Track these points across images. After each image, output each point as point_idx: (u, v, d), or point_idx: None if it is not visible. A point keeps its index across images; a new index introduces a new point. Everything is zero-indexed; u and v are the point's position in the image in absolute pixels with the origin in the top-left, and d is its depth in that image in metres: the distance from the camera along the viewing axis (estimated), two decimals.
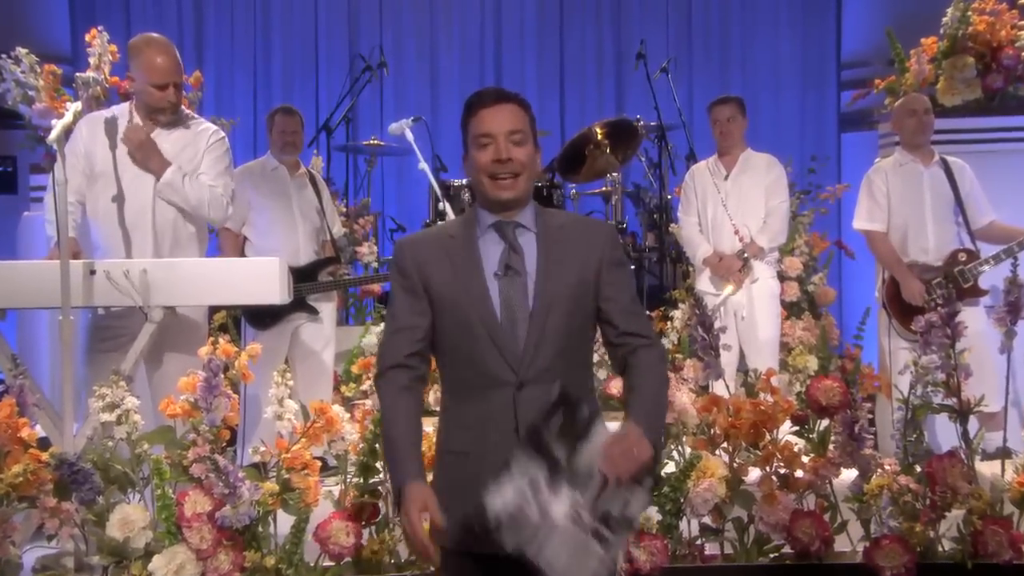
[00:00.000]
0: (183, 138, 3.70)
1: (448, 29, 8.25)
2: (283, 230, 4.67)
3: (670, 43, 8.04)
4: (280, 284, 3.36)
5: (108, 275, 3.24)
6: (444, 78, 8.27)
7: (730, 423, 3.13)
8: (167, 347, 3.51)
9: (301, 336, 4.72)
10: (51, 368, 4.92)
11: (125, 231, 3.60)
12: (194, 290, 3.32)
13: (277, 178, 4.72)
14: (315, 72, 8.25)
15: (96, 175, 3.61)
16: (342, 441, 3.01)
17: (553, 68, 8.26)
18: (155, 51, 3.57)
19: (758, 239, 4.87)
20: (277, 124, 4.73)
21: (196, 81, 5.37)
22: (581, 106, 8.21)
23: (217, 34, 8.18)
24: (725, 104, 4.97)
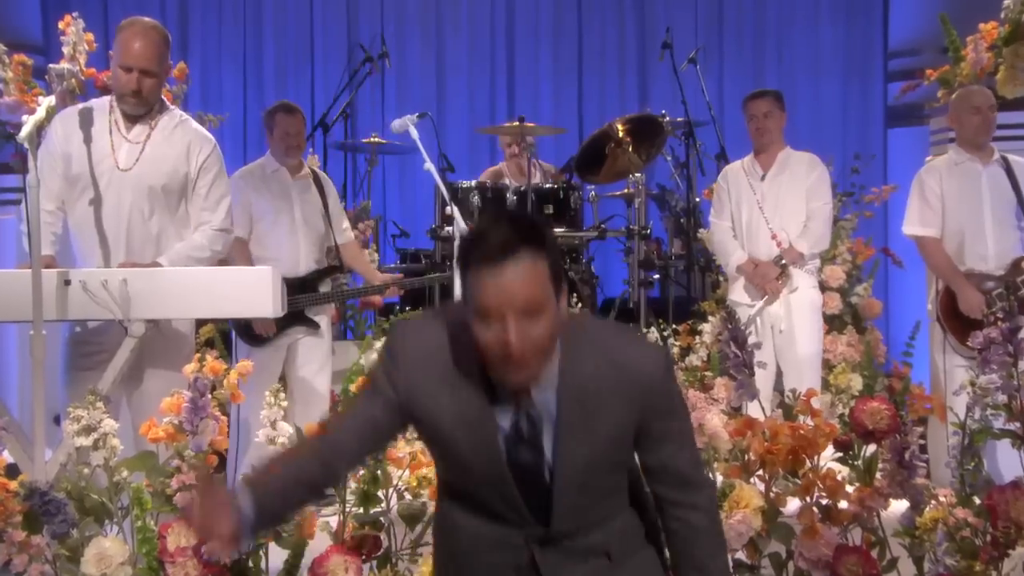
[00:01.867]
0: (172, 138, 3.70)
1: (455, 16, 8.28)
2: (283, 237, 4.70)
3: (699, 31, 8.05)
4: (273, 295, 3.37)
5: (84, 286, 3.26)
6: (451, 70, 8.29)
7: (766, 448, 3.11)
8: (148, 363, 3.52)
9: (297, 352, 4.73)
10: (20, 388, 4.94)
11: (103, 238, 3.61)
12: (179, 302, 3.33)
13: (278, 181, 4.74)
14: (310, 63, 8.29)
15: (73, 178, 3.63)
16: None
17: (570, 58, 8.27)
18: (133, 33, 3.60)
19: (797, 244, 4.85)
20: (279, 124, 4.72)
21: (181, 73, 5.39)
22: (601, 100, 8.22)
23: (203, 21, 8.23)
24: (761, 98, 4.97)
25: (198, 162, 3.74)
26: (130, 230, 3.64)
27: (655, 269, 6.71)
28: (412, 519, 3.01)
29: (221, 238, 3.77)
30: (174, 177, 3.70)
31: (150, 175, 3.65)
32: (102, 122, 3.66)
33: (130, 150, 3.65)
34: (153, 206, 3.67)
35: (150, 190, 3.65)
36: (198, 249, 3.70)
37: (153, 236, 3.67)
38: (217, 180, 3.78)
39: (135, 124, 3.67)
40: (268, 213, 4.69)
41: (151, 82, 3.61)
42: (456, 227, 4.16)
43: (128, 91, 3.59)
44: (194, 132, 3.78)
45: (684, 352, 5.90)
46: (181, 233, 3.73)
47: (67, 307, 3.27)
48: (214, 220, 3.75)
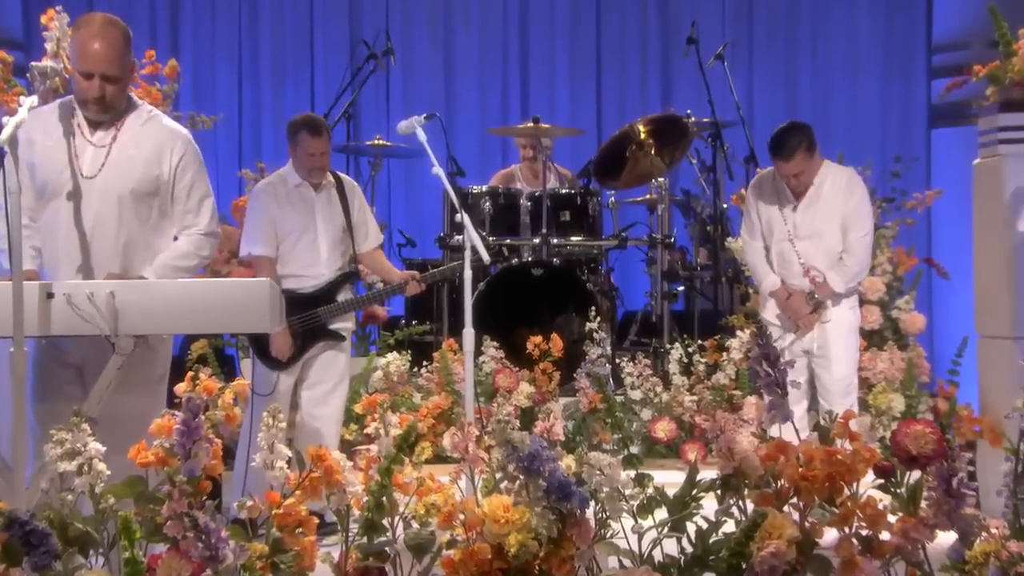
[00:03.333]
0: (140, 138, 3.65)
1: (465, 10, 8.32)
2: (307, 255, 4.73)
3: (726, 25, 8.06)
4: (271, 310, 3.37)
5: (69, 299, 3.25)
6: (461, 67, 8.32)
7: (801, 474, 3.10)
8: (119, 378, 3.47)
9: (312, 368, 4.74)
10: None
11: (69, 256, 3.59)
12: (170, 316, 3.33)
13: (301, 197, 4.76)
14: (310, 60, 8.33)
15: (39, 189, 3.60)
16: (343, 494, 3.00)
17: (589, 54, 8.29)
18: (91, 34, 3.52)
19: (832, 281, 4.80)
20: (302, 145, 4.71)
21: (172, 71, 5.40)
22: (621, 100, 8.23)
23: (195, 15, 8.28)
24: (789, 161, 4.72)
25: (173, 162, 3.68)
26: (95, 242, 3.59)
27: (679, 280, 6.71)
28: (420, 549, 3.01)
29: (208, 242, 3.75)
30: (144, 181, 3.64)
31: (117, 182, 3.60)
32: (66, 126, 3.61)
33: (95, 155, 3.60)
34: (122, 215, 3.62)
35: (119, 199, 3.60)
36: (184, 257, 3.69)
37: (120, 248, 3.62)
38: (197, 179, 3.73)
39: (99, 127, 3.63)
40: (293, 231, 4.72)
41: (115, 88, 3.55)
42: (467, 236, 4.15)
43: (90, 98, 3.54)
44: (165, 129, 3.71)
45: (711, 369, 5.89)
46: (152, 243, 3.68)
47: (50, 322, 3.26)
48: (199, 223, 3.72)
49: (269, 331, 3.66)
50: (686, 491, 3.10)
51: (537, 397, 5.57)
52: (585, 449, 5.21)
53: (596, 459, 2.93)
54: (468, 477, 3.07)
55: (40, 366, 3.62)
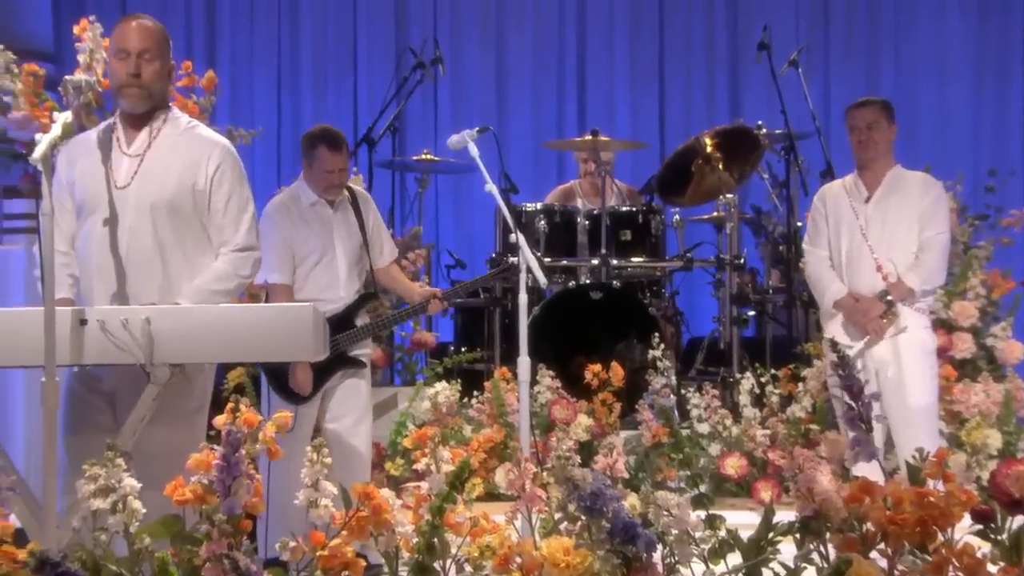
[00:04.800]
0: (176, 146, 3.70)
1: (519, 14, 8.36)
2: (326, 278, 4.72)
3: (800, 28, 8.03)
4: (314, 336, 3.39)
5: (103, 326, 3.29)
6: (514, 76, 8.37)
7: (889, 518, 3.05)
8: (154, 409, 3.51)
9: (333, 398, 4.75)
10: (27, 441, 5.02)
11: (103, 274, 3.64)
12: (208, 344, 3.36)
13: (318, 216, 4.75)
14: (353, 70, 8.42)
15: (77, 208, 3.68)
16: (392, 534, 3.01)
17: (651, 62, 8.30)
18: (127, 23, 3.66)
19: (907, 278, 4.77)
20: (320, 160, 4.70)
21: (209, 83, 5.45)
22: (686, 110, 8.23)
23: (233, 24, 8.41)
24: (865, 108, 4.92)
25: (209, 172, 3.69)
26: (130, 259, 3.63)
27: (750, 305, 6.66)
28: None
29: (248, 259, 3.74)
30: (180, 191, 3.67)
31: (150, 190, 3.64)
32: (106, 142, 3.70)
33: (129, 165, 3.67)
34: (156, 228, 3.65)
35: (151, 209, 3.64)
36: (222, 279, 3.69)
37: (157, 265, 3.65)
38: (235, 191, 3.73)
39: (136, 136, 3.70)
40: (312, 254, 4.71)
41: (153, 67, 3.62)
42: (522, 257, 4.16)
43: (125, 77, 3.61)
44: (203, 138, 3.76)
45: (785, 401, 5.84)
46: (194, 262, 3.71)
47: (83, 350, 3.31)
48: (236, 239, 3.72)
49: (312, 359, 3.69)
50: (762, 534, 3.07)
51: (596, 430, 5.55)
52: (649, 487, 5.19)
53: (663, 498, 2.92)
54: (525, 517, 3.07)
55: (71, 396, 3.65)
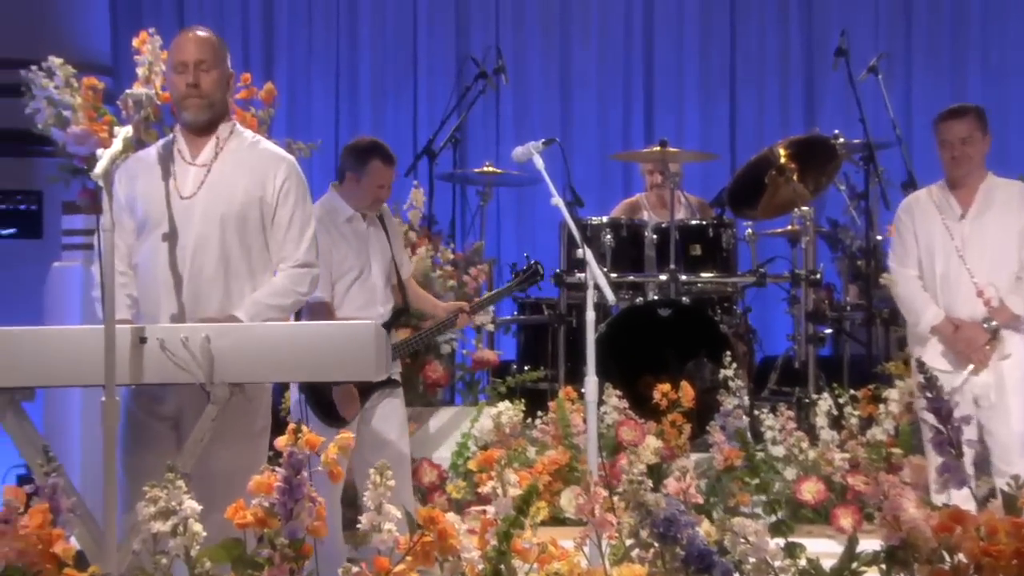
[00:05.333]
0: (243, 159, 3.76)
1: (584, 22, 8.37)
2: (363, 295, 4.73)
3: (880, 33, 7.95)
4: (376, 354, 3.41)
5: (162, 344, 3.34)
6: (579, 85, 8.37)
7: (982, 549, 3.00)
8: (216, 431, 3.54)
9: (373, 422, 4.76)
10: (84, 463, 5.10)
11: (167, 286, 3.69)
12: (268, 362, 3.39)
13: (355, 231, 4.76)
14: (413, 80, 8.47)
15: (139, 223, 3.75)
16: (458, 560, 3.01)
17: (721, 70, 8.27)
18: (184, 36, 3.75)
19: (1011, 302, 4.66)
20: (373, 173, 4.71)
21: (268, 95, 5.51)
22: (759, 119, 8.18)
23: (291, 34, 8.50)
24: (959, 119, 4.76)
25: (276, 186, 3.76)
26: (195, 270, 3.69)
27: (826, 322, 6.60)
28: None
29: (306, 276, 3.79)
30: (248, 204, 3.74)
31: (218, 201, 3.71)
32: (165, 156, 3.77)
33: (195, 175, 3.74)
34: (224, 239, 3.72)
35: (221, 220, 3.71)
36: (280, 295, 3.74)
37: (220, 276, 3.71)
38: (299, 207, 3.81)
39: (201, 149, 3.76)
40: (351, 271, 4.71)
41: (211, 76, 3.70)
42: (590, 273, 4.15)
43: (184, 89, 3.69)
44: (269, 152, 3.84)
45: (865, 424, 5.76)
46: (255, 274, 3.77)
47: (142, 369, 3.36)
48: (297, 255, 3.77)
49: (375, 378, 3.70)
50: (845, 564, 3.03)
51: (665, 453, 5.51)
52: (721, 512, 5.14)
53: (740, 525, 2.89)
54: (595, 543, 3.06)
55: (133, 417, 3.72)
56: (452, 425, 5.78)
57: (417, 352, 5.55)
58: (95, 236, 5.19)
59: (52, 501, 3.07)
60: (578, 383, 5.57)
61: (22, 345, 3.37)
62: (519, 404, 5.82)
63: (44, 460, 3.17)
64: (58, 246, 5.91)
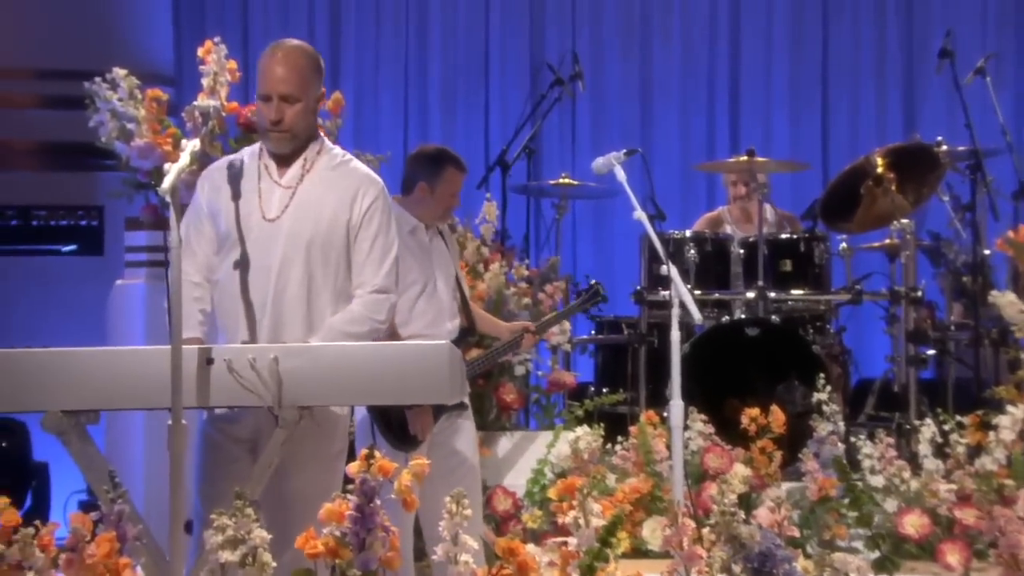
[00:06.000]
0: (331, 181, 3.80)
1: (665, 25, 8.35)
2: (427, 310, 4.72)
3: (988, 33, 7.83)
4: (451, 376, 3.43)
5: (230, 365, 3.38)
6: (659, 92, 8.35)
7: None
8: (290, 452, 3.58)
9: (440, 441, 4.78)
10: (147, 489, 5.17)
11: (249, 308, 3.74)
12: (338, 385, 3.42)
13: (418, 242, 4.75)
14: (484, 88, 8.50)
15: (221, 238, 3.80)
16: None
17: (813, 73, 8.20)
18: (273, 57, 3.76)
19: None
20: (448, 181, 4.72)
21: (336, 105, 5.56)
22: (853, 126, 8.11)
23: (358, 41, 8.56)
24: None
25: (362, 208, 3.80)
26: (278, 293, 3.74)
27: (929, 343, 6.51)
28: None
29: (384, 303, 3.82)
30: (334, 228, 3.78)
31: (303, 225, 3.75)
32: (251, 170, 3.82)
33: (281, 196, 3.78)
34: (308, 263, 3.76)
35: (307, 243, 3.75)
36: (356, 322, 3.77)
37: (302, 301, 3.75)
38: (382, 231, 3.83)
39: (287, 168, 3.81)
40: (415, 285, 4.68)
41: (295, 110, 3.73)
42: (674, 290, 4.14)
43: (268, 123, 3.74)
44: (358, 173, 3.87)
45: (973, 452, 5.66)
46: (338, 299, 3.81)
47: (209, 391, 3.39)
48: (375, 280, 3.80)
49: (448, 402, 3.72)
50: None
51: (755, 481, 5.46)
52: (816, 546, 5.08)
53: (841, 561, 2.87)
54: None
55: (209, 439, 3.76)
56: (527, 450, 5.78)
57: (489, 373, 5.56)
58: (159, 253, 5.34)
59: (118, 529, 3.12)
60: (660, 407, 5.55)
61: (86, 366, 3.42)
62: (598, 429, 5.80)
63: (110, 486, 3.22)
64: (120, 263, 5.96)
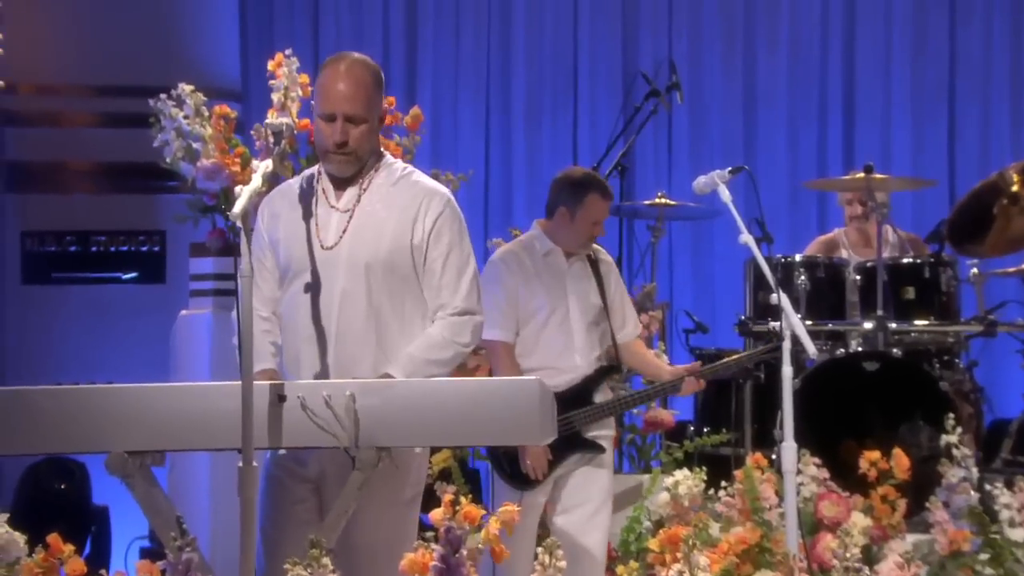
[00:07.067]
0: (391, 198, 3.82)
1: (771, 29, 8.33)
2: (556, 340, 4.80)
3: None
4: (541, 415, 3.43)
5: (303, 403, 3.42)
6: (765, 103, 8.32)
7: None
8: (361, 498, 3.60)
9: (567, 489, 4.80)
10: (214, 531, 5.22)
11: (311, 345, 3.77)
12: (420, 425, 3.43)
13: (550, 268, 4.85)
14: (573, 101, 8.52)
15: (282, 269, 3.86)
16: None
17: (938, 83, 8.13)
18: (334, 74, 3.77)
19: None
20: (590, 208, 4.80)
21: (414, 121, 5.60)
22: (984, 138, 8.02)
23: (436, 51, 8.61)
24: None
25: (427, 225, 3.81)
26: (343, 328, 3.76)
27: None
28: None
29: (467, 325, 3.82)
30: (397, 249, 3.79)
31: (363, 250, 3.77)
32: (309, 194, 3.85)
33: (338, 222, 3.81)
34: (371, 292, 3.77)
35: (367, 269, 3.77)
36: (438, 347, 3.78)
37: (370, 333, 3.77)
38: (455, 247, 3.84)
39: (345, 189, 3.84)
40: (541, 310, 4.81)
41: (360, 131, 3.75)
42: (785, 321, 4.12)
43: (331, 145, 3.75)
44: (419, 186, 3.88)
45: None
46: (409, 327, 3.82)
47: (281, 431, 3.42)
48: (455, 301, 3.81)
49: (538, 443, 3.73)
50: None
51: (875, 533, 5.40)
52: None
53: None
54: None
55: (270, 483, 3.80)
56: (621, 496, 5.75)
57: None
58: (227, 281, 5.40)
59: None
60: (768, 448, 5.51)
61: (151, 404, 3.45)
62: (699, 473, 5.76)
63: (177, 532, 3.28)
64: (183, 292, 6.04)
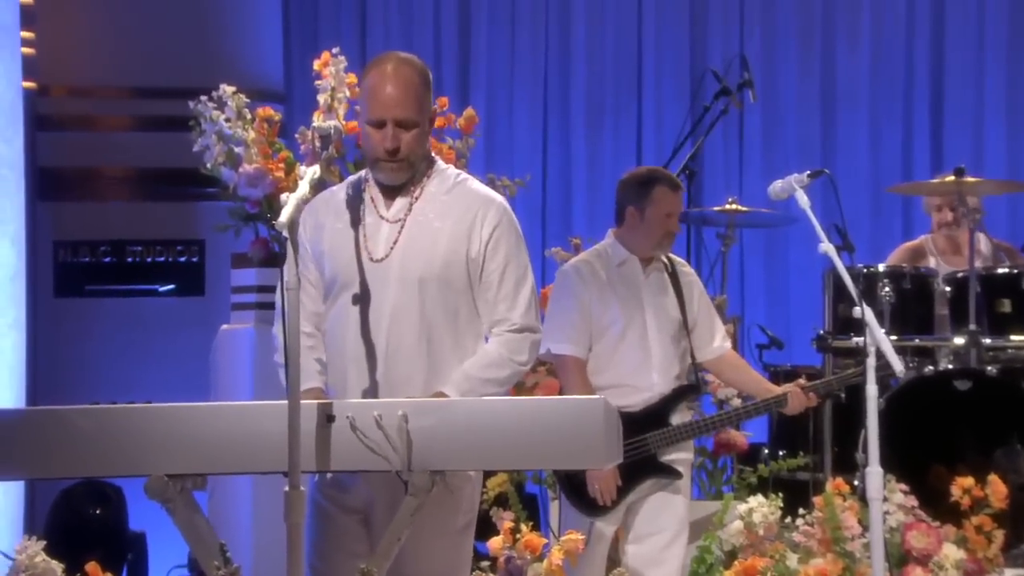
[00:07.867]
0: (444, 208, 3.83)
1: (852, 23, 8.30)
2: (632, 356, 4.80)
3: None
4: (606, 437, 3.41)
5: (352, 423, 3.41)
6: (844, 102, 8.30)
7: None
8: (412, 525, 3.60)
9: (640, 515, 4.79)
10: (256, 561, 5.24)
11: (359, 363, 3.78)
12: (476, 447, 3.41)
13: (625, 278, 4.85)
14: (637, 100, 8.51)
15: (332, 278, 3.86)
16: None
17: None
18: (382, 76, 3.76)
19: None
20: (659, 202, 4.81)
21: (468, 123, 5.61)
22: None
23: (490, 49, 8.63)
24: None
25: (483, 236, 3.81)
26: (393, 344, 3.76)
27: None
28: None
29: (525, 342, 3.82)
30: (450, 264, 3.80)
31: (416, 263, 3.78)
32: (356, 201, 3.86)
33: (388, 233, 3.81)
34: (424, 307, 3.77)
35: (420, 283, 3.77)
36: (495, 366, 3.78)
37: (422, 349, 3.78)
38: (512, 259, 3.83)
39: (396, 197, 3.84)
40: (615, 324, 4.81)
41: (412, 136, 3.76)
42: (869, 336, 4.08)
43: (382, 153, 3.76)
44: (474, 194, 3.88)
45: None
46: (463, 343, 3.83)
47: (329, 453, 3.41)
48: (513, 316, 3.81)
49: (602, 467, 3.72)
50: None
51: (970, 566, 5.35)
52: None
53: None
54: None
55: (319, 508, 3.82)
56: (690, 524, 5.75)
57: None
58: (270, 293, 5.41)
59: None
60: (849, 473, 5.48)
61: (192, 424, 3.45)
62: (775, 499, 5.73)
63: (220, 560, 3.29)
64: (224, 305, 6.06)
